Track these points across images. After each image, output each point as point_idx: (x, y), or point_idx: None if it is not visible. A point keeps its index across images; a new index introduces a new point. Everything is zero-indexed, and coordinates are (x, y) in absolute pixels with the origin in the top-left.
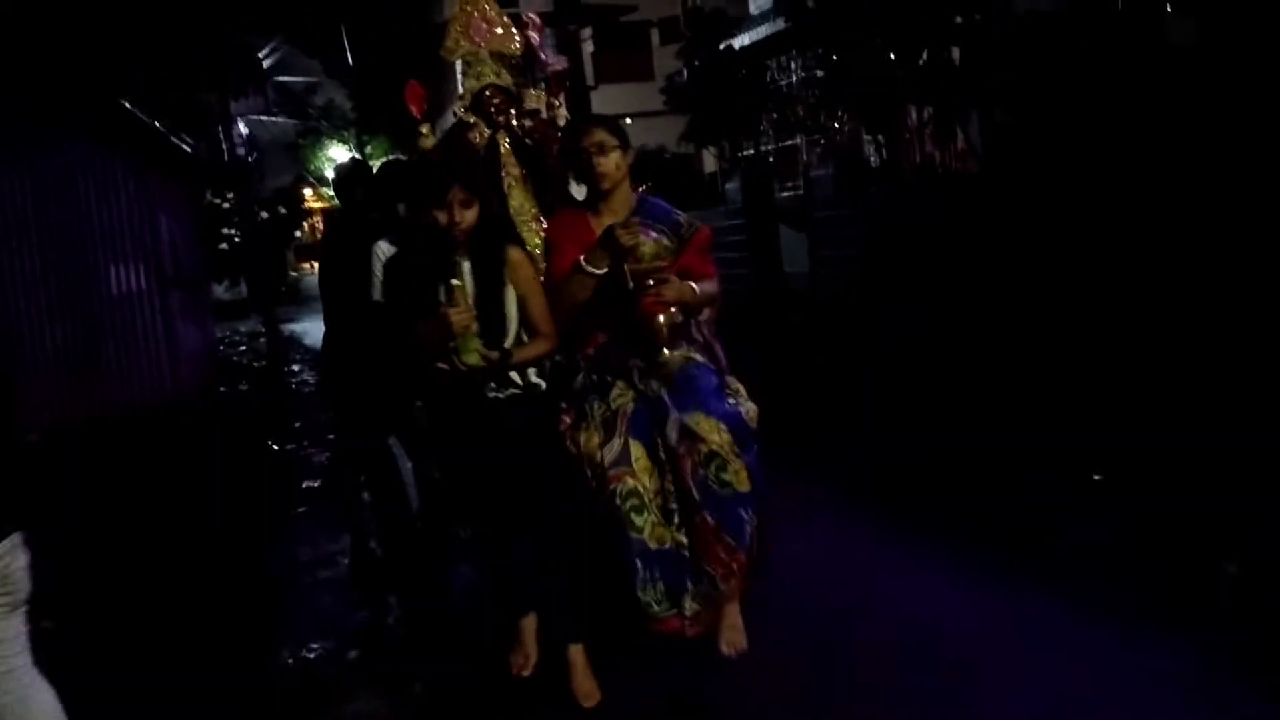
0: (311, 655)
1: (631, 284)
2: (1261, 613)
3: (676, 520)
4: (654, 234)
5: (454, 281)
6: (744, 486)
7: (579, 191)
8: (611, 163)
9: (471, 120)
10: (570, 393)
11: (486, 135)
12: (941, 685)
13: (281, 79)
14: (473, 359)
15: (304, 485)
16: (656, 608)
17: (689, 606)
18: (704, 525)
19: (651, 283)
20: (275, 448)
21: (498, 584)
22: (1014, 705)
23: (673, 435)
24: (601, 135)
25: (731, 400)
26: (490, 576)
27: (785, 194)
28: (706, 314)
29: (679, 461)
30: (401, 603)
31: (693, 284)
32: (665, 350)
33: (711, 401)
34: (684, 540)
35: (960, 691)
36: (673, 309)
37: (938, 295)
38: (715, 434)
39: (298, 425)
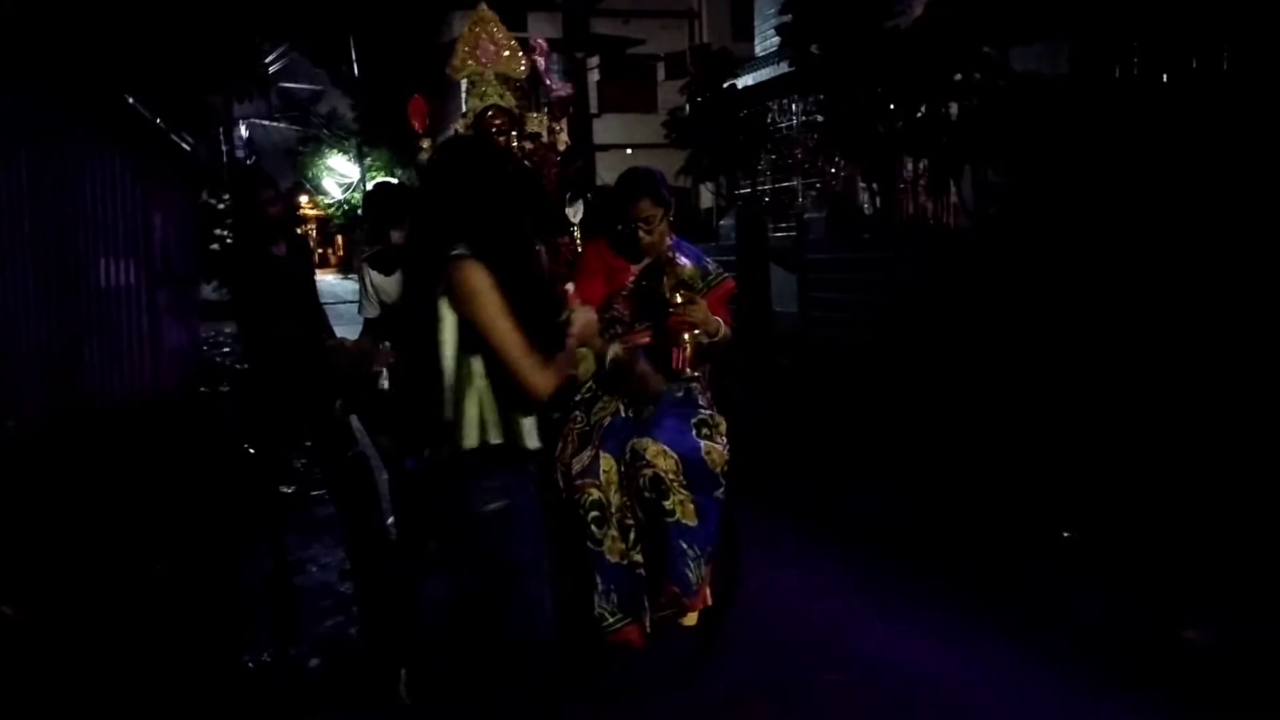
0: (269, 660)
1: (668, 295)
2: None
3: (633, 538)
4: (691, 264)
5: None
6: (688, 520)
7: (574, 214)
8: (657, 235)
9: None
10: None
11: None
12: None
13: (286, 85)
14: None
15: (280, 490)
16: (609, 619)
17: (646, 622)
18: (646, 548)
19: (680, 299)
20: (251, 451)
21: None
22: None
23: (628, 456)
24: (648, 208)
25: (698, 436)
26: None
27: (779, 234)
28: (704, 368)
29: (631, 483)
30: (364, 614)
31: (721, 319)
32: (686, 369)
33: (669, 430)
34: (639, 560)
35: None
36: (697, 331)
37: (920, 346)
38: (661, 458)
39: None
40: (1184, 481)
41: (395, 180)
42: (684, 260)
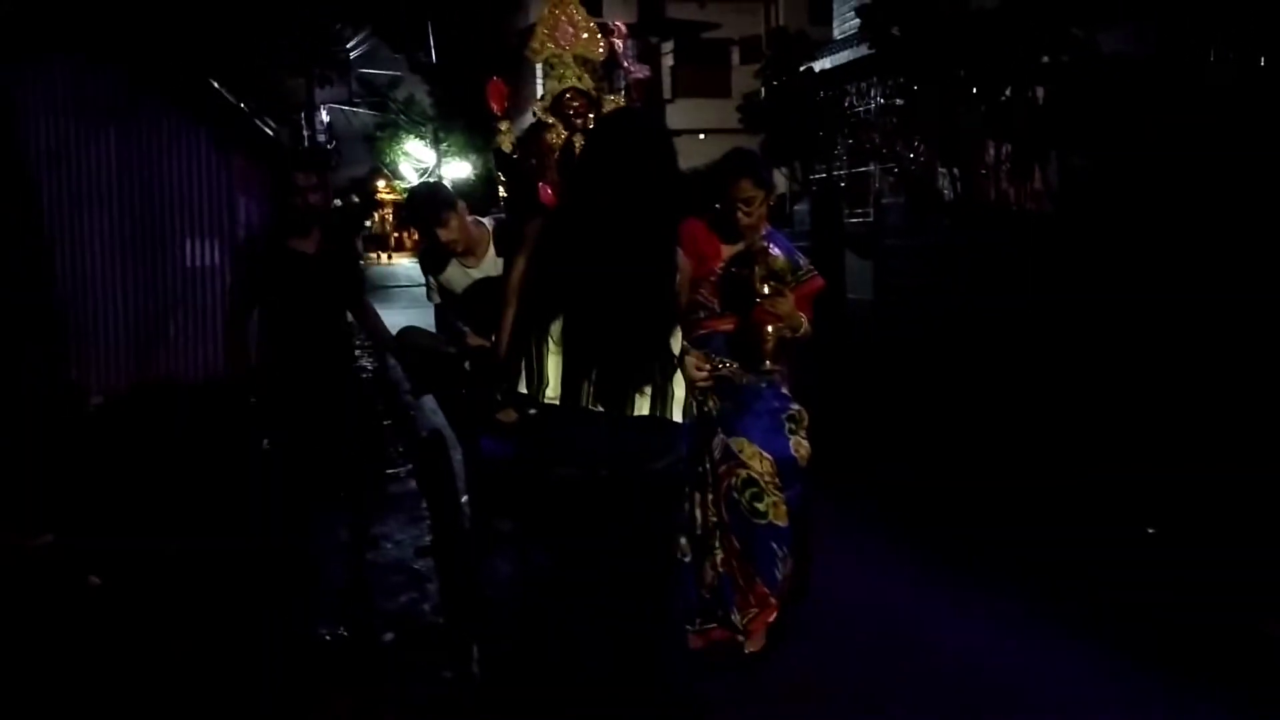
0: (344, 634)
1: (757, 285)
2: None
3: (718, 540)
4: (783, 255)
5: None
6: (780, 521)
7: None
8: (755, 218)
9: (550, 121)
10: None
11: (564, 137)
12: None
13: (365, 71)
14: None
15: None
16: (695, 623)
17: (738, 623)
18: (729, 549)
19: (768, 291)
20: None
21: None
22: None
23: (716, 453)
24: (749, 189)
25: (786, 432)
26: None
27: (854, 220)
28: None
29: (718, 481)
30: (441, 590)
31: (803, 314)
32: (767, 362)
33: (762, 430)
34: (720, 570)
35: None
36: (781, 324)
37: (999, 335)
38: (756, 461)
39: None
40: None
41: (436, 180)
42: (777, 251)
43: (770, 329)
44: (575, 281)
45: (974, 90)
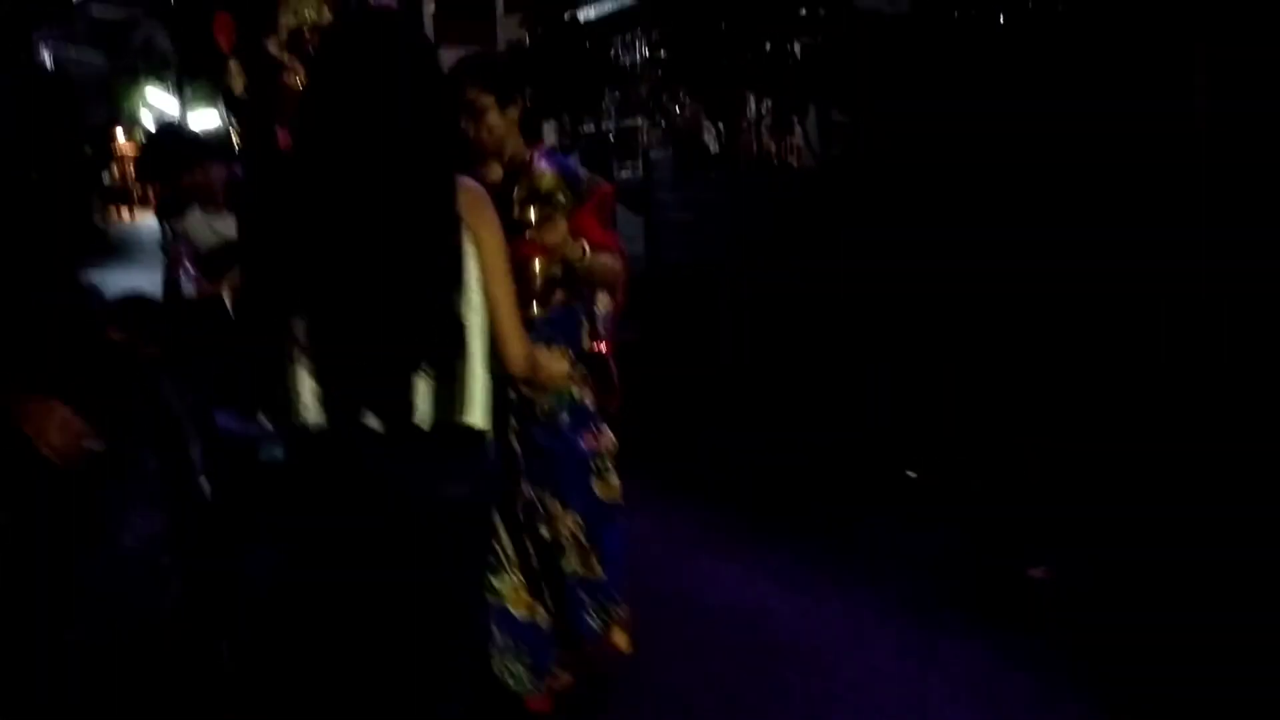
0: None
1: (516, 213)
2: (1068, 619)
3: (538, 585)
4: (551, 171)
5: None
6: (592, 574)
7: None
8: (495, 134)
9: (286, 60)
10: None
11: (304, 78)
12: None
13: (94, 10)
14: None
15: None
16: (513, 684)
17: (556, 681)
18: (538, 596)
19: (534, 216)
20: None
21: None
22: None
23: (520, 498)
24: (477, 96)
25: (593, 478)
26: None
27: (624, 174)
28: (605, 303)
29: (530, 526)
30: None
31: (584, 243)
32: (534, 305)
33: (569, 483)
34: (547, 615)
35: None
36: (551, 258)
37: (764, 287)
38: (563, 522)
39: None
40: (1025, 419)
41: (174, 122)
42: (544, 166)
43: (537, 264)
44: (315, 247)
45: (735, 43)
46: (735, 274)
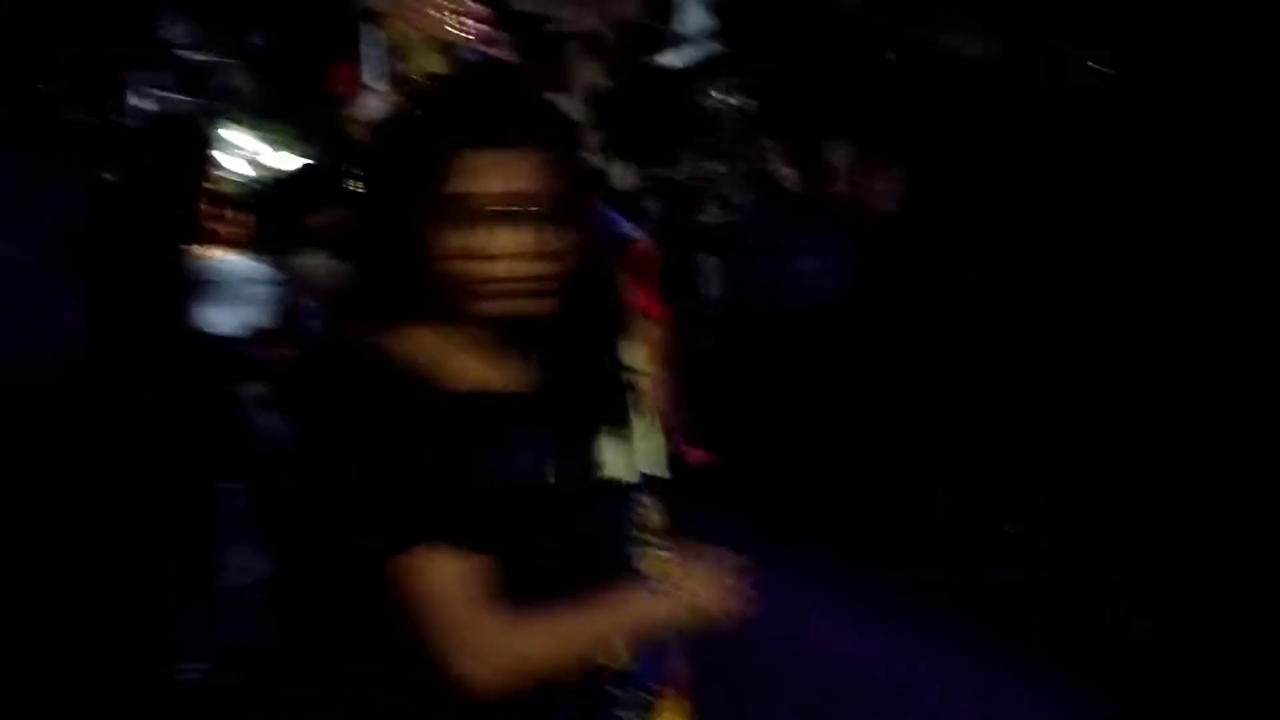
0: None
1: None
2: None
3: None
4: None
5: None
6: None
7: None
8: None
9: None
10: None
11: None
12: None
13: (185, 55)
14: None
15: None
16: None
17: None
18: None
19: None
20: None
21: None
22: None
23: None
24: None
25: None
26: None
27: (704, 217)
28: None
29: None
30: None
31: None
32: None
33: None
34: None
35: None
36: None
37: (841, 330)
38: None
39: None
40: None
41: (313, 162)
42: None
43: None
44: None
45: (823, 88)
46: (819, 317)
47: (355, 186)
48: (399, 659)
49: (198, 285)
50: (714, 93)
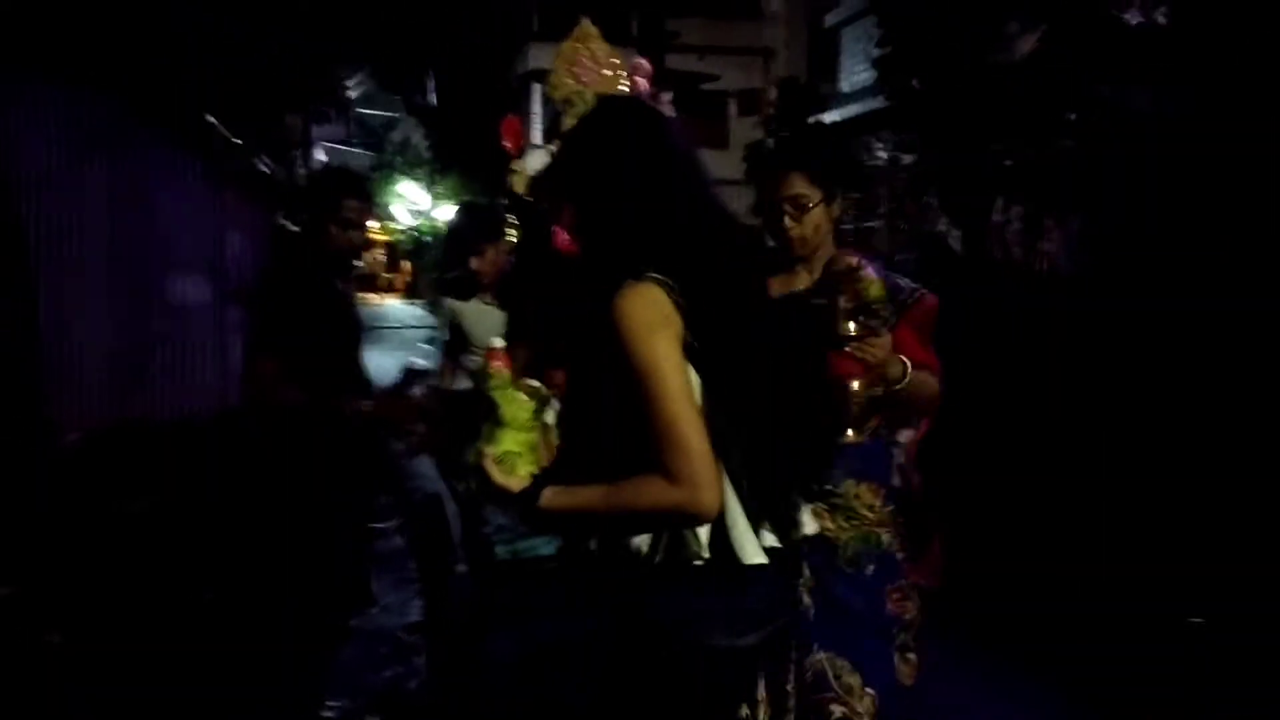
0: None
1: (842, 321)
2: None
3: None
4: (877, 278)
5: None
6: None
7: None
8: (809, 226)
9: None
10: None
11: None
12: None
13: (363, 111)
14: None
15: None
16: None
17: None
18: None
19: (854, 330)
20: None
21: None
22: None
23: (808, 674)
24: (799, 186)
25: (895, 649)
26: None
27: None
28: (907, 435)
29: (799, 708)
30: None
31: (906, 361)
32: (849, 431)
33: (869, 651)
34: None
35: None
36: (872, 378)
37: (1009, 395)
38: (857, 698)
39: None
40: None
41: (481, 202)
42: (870, 272)
43: (856, 385)
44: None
45: (990, 146)
46: (977, 378)
47: (513, 235)
48: None
49: (364, 329)
50: (877, 150)
